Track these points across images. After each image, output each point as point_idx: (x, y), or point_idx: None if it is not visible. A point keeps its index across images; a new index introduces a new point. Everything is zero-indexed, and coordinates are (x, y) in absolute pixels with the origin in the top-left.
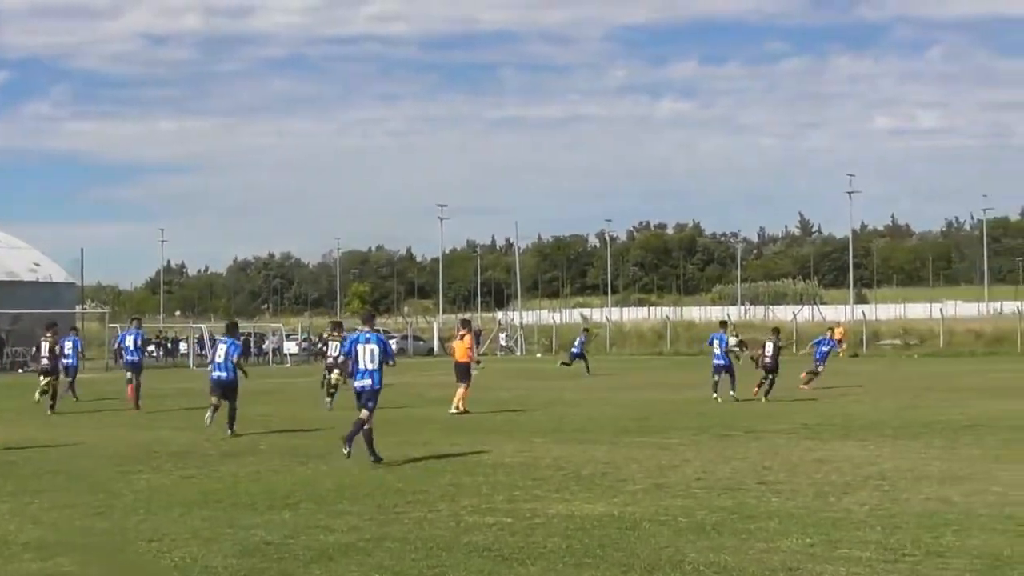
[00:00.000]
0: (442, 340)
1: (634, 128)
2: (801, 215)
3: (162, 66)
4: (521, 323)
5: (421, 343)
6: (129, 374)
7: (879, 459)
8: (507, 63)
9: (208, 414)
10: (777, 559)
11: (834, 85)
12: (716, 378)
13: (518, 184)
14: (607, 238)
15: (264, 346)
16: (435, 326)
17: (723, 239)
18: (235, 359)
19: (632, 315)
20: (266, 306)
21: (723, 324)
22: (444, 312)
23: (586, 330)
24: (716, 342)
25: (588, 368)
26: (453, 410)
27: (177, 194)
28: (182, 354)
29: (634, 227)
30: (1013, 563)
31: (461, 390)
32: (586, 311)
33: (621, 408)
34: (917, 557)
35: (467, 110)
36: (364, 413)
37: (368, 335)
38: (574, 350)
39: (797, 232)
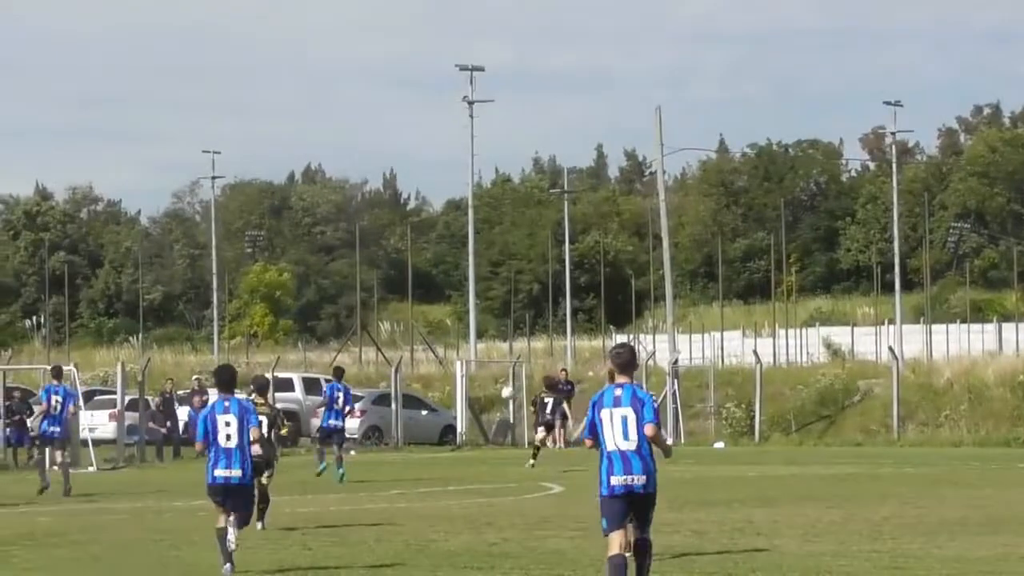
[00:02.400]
0: (473, 408)
1: None
2: None
3: None
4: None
5: (424, 414)
6: None
7: None
8: None
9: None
10: None
11: None
12: None
13: None
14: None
15: (32, 420)
16: (458, 371)
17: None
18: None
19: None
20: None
21: None
22: (481, 337)
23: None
24: None
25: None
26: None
27: None
28: None
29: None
30: None
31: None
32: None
33: None
34: None
35: None
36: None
37: (620, 389)
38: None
39: None
